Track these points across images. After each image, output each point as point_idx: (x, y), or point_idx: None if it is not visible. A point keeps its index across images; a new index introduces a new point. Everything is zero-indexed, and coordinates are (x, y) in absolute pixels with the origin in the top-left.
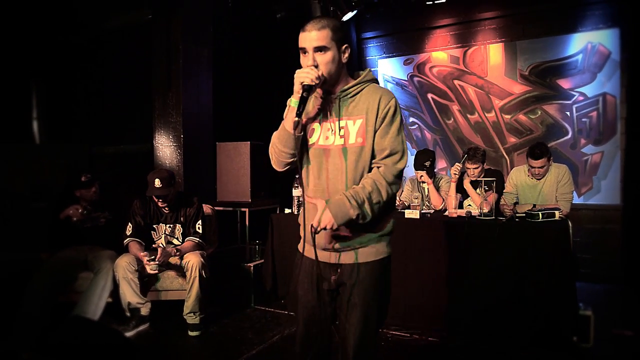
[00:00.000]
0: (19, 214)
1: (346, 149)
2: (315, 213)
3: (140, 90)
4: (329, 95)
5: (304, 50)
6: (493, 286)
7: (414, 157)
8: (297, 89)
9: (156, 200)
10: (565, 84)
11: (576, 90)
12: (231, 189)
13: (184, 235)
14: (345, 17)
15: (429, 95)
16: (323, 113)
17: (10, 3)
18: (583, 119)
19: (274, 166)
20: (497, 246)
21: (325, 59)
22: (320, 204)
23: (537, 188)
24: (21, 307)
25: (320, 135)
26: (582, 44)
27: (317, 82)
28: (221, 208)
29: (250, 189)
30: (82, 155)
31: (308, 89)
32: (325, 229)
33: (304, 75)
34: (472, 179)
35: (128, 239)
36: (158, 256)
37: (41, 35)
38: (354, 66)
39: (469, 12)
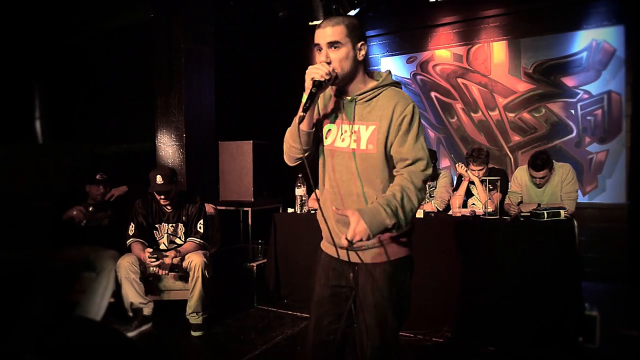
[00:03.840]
0: (22, 213)
1: (357, 153)
2: (339, 223)
3: (142, 90)
4: (345, 96)
5: (319, 47)
6: (498, 286)
7: None
8: (308, 84)
9: (158, 197)
10: (569, 81)
11: (581, 88)
12: (234, 188)
13: (186, 234)
14: None
15: (432, 94)
16: (339, 114)
17: (12, 4)
18: (588, 117)
19: (286, 160)
20: (502, 246)
21: (338, 55)
22: (352, 216)
23: (542, 187)
24: (23, 307)
25: (337, 137)
26: (586, 41)
27: (328, 77)
28: (224, 207)
29: (252, 188)
30: (86, 155)
31: (318, 85)
32: (361, 240)
33: (314, 71)
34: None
35: (131, 239)
36: (158, 270)
37: (43, 36)
38: None
39: (472, 9)
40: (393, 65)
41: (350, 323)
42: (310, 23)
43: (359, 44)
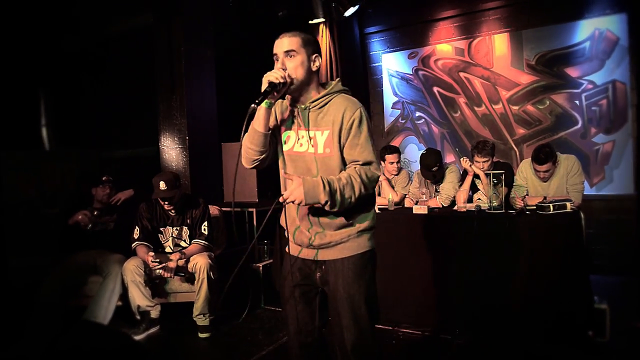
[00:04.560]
0: (31, 220)
1: (317, 158)
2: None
3: (145, 94)
4: (299, 105)
5: (276, 57)
6: (505, 281)
7: (419, 158)
8: (264, 85)
9: (162, 202)
10: (573, 72)
11: (585, 78)
12: (238, 189)
13: (191, 237)
14: (348, 13)
15: (435, 89)
16: (295, 122)
17: (15, 13)
18: (593, 108)
19: (243, 163)
20: (508, 240)
21: (293, 63)
22: (296, 180)
23: (547, 181)
24: (32, 312)
25: (295, 143)
26: (589, 30)
27: (283, 81)
28: (228, 209)
29: (257, 189)
30: (92, 160)
31: (273, 86)
32: (293, 202)
33: (271, 74)
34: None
35: (136, 242)
36: (163, 272)
37: (46, 43)
38: (358, 62)
39: (472, 2)
40: (394, 61)
41: (324, 323)
42: (310, 22)
43: (313, 56)
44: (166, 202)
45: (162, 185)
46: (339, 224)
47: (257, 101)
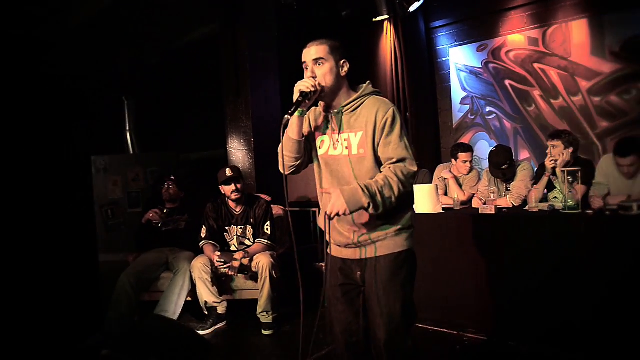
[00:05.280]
0: (119, 219)
1: (351, 159)
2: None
3: (215, 99)
4: (332, 110)
5: (305, 65)
6: (578, 289)
7: (488, 155)
8: (296, 96)
9: (229, 192)
10: None
11: None
12: (301, 189)
13: (255, 236)
14: (412, 8)
15: (507, 82)
16: (329, 126)
17: (105, 31)
18: None
19: (280, 169)
20: (584, 243)
21: (323, 70)
22: (334, 192)
23: (632, 177)
24: (110, 306)
25: (330, 146)
26: None
27: (314, 89)
28: (292, 209)
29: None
30: (172, 163)
31: (304, 95)
32: (338, 215)
33: (302, 84)
34: (553, 164)
35: (203, 241)
36: (228, 271)
37: (129, 56)
38: (424, 57)
39: None
40: (462, 55)
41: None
42: (374, 19)
43: (342, 61)
44: (233, 190)
45: (228, 171)
46: (376, 223)
47: (290, 112)
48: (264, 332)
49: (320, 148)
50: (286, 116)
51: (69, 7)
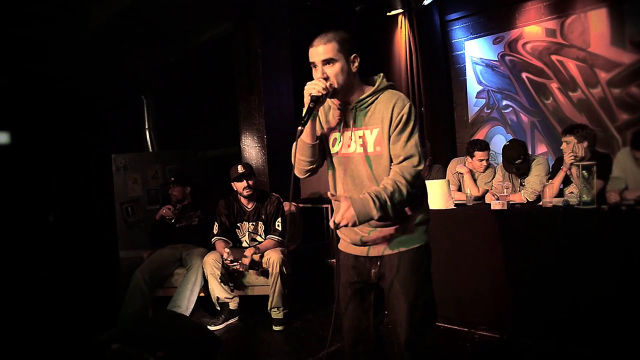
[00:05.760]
0: (139, 216)
1: (369, 157)
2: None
3: (229, 97)
4: (346, 106)
5: (314, 65)
6: (593, 285)
7: (501, 150)
8: (306, 100)
9: (241, 188)
10: None
11: None
12: (314, 185)
13: (266, 232)
14: (427, 1)
15: (524, 75)
16: (343, 123)
17: (124, 36)
18: None
19: (296, 173)
20: (598, 239)
21: (334, 71)
22: (344, 202)
23: None
24: (124, 302)
25: (342, 144)
26: None
27: (325, 92)
28: (305, 205)
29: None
30: (189, 160)
31: (315, 100)
32: (346, 225)
33: (312, 87)
34: (572, 159)
35: (215, 237)
36: (238, 267)
37: (147, 56)
38: (439, 50)
39: None
40: (478, 48)
41: (380, 320)
42: (388, 14)
43: (352, 57)
44: (245, 186)
45: (240, 168)
46: (391, 220)
47: (303, 122)
48: (275, 327)
49: (333, 147)
50: (299, 127)
51: (88, 9)
